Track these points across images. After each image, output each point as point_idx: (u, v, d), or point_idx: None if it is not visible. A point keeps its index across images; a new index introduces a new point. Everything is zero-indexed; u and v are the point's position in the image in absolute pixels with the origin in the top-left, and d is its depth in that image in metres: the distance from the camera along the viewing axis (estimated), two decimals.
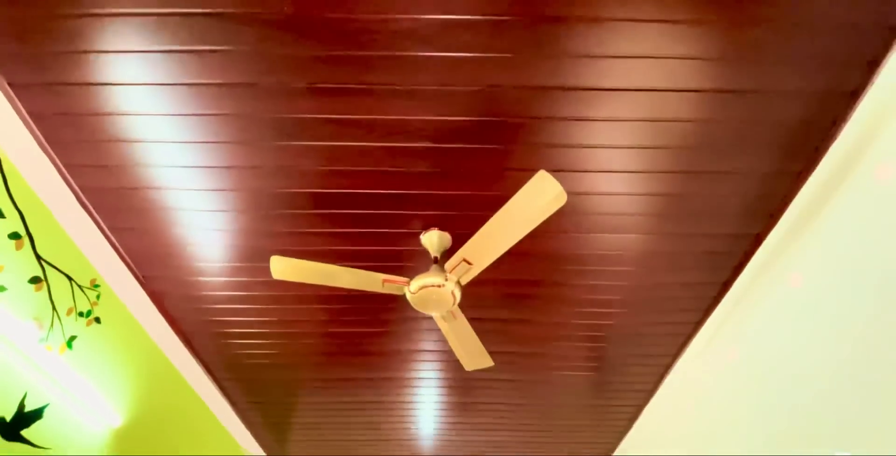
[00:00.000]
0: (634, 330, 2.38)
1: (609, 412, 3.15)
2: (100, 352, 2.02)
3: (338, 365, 2.71)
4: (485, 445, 3.69)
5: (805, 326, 1.77)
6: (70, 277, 1.87)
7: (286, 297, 2.21)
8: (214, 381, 2.78)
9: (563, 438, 3.52)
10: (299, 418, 3.26)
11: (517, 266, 2.05)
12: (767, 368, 1.98)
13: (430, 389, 2.96)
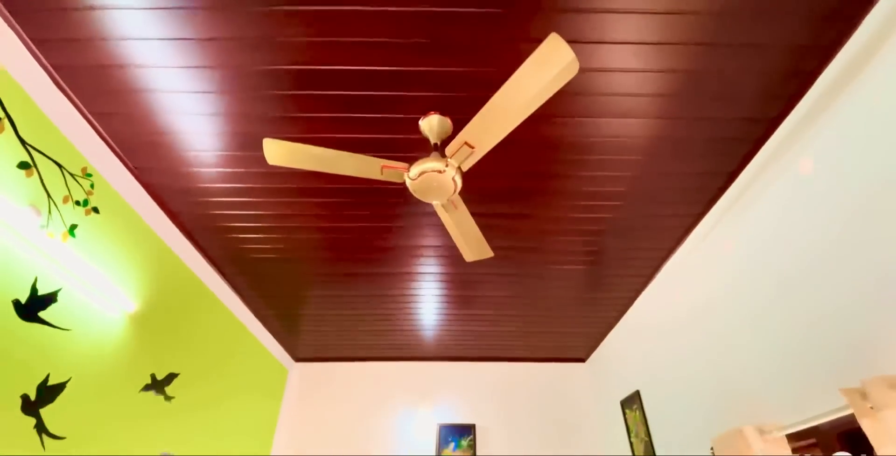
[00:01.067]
0: (634, 223, 2.40)
1: (601, 304, 3.32)
2: (103, 242, 2.04)
3: (341, 260, 2.79)
4: (483, 336, 3.95)
5: (809, 217, 1.77)
6: (60, 164, 1.82)
7: (285, 189, 2.19)
8: (222, 275, 2.88)
9: (557, 327, 3.74)
10: (307, 311, 3.44)
11: (519, 156, 1.99)
12: (764, 262, 2.02)
13: (431, 284, 3.08)
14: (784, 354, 1.91)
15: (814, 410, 1.73)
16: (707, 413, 2.47)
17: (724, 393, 2.33)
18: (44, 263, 1.76)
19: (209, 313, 2.95)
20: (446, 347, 4.19)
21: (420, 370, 4.49)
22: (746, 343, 2.14)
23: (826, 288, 1.70)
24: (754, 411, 2.09)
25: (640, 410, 3.24)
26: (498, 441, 4.13)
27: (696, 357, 2.58)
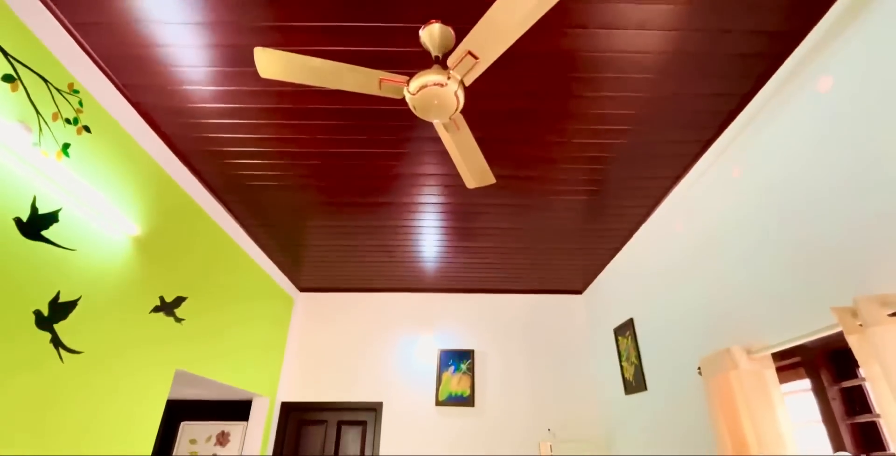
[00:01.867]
0: (640, 150, 2.34)
1: (601, 236, 3.34)
2: (98, 163, 2.01)
3: (341, 189, 2.76)
4: (483, 268, 4.03)
5: (821, 138, 1.71)
6: (45, 79, 1.74)
7: (279, 110, 2.11)
8: (222, 203, 2.88)
9: (556, 259, 3.80)
10: (309, 241, 3.48)
11: (525, 74, 1.90)
12: (768, 187, 1.99)
13: (432, 215, 3.08)
14: (778, 276, 1.94)
15: (801, 329, 1.79)
16: (696, 336, 2.57)
17: (715, 316, 2.41)
18: (41, 181, 1.74)
19: (212, 241, 2.98)
20: (447, 279, 4.29)
21: (421, 301, 4.64)
22: (742, 268, 2.18)
23: (827, 212, 1.69)
24: (743, 333, 2.17)
25: (632, 337, 3.37)
26: (495, 365, 4.36)
27: (689, 284, 2.63)
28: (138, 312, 2.27)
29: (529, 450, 4.05)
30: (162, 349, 2.44)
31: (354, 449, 4.07)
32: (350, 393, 4.23)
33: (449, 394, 4.17)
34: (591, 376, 4.32)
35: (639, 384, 3.26)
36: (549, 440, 4.06)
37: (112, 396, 2.10)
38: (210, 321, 2.93)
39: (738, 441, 2.00)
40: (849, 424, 1.73)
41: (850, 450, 1.71)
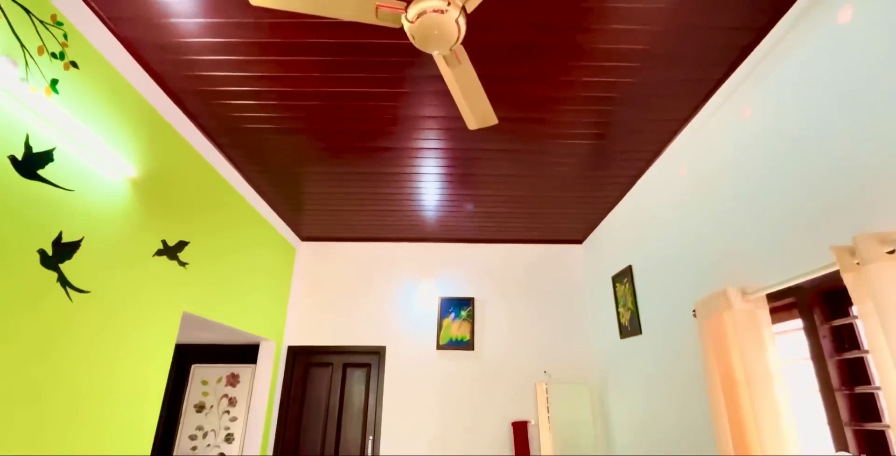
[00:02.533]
0: (650, 90, 2.27)
1: (603, 183, 3.32)
2: (89, 101, 1.96)
3: (338, 133, 2.71)
4: (483, 217, 4.03)
5: (837, 73, 1.65)
6: (26, 9, 1.66)
7: (271, 45, 2.03)
8: (217, 147, 2.83)
9: (557, 208, 3.79)
10: (308, 189, 3.47)
11: (531, 2, 1.79)
12: (777, 128, 1.94)
13: (432, 161, 3.04)
14: (778, 217, 1.95)
15: (797, 270, 1.81)
16: (693, 280, 2.61)
17: (712, 259, 2.44)
18: (32, 119, 1.71)
19: (211, 187, 2.96)
20: (447, 228, 4.31)
21: (422, 250, 4.69)
22: (742, 210, 2.18)
23: (834, 151, 1.66)
24: (739, 275, 2.20)
25: (629, 283, 3.43)
26: (494, 312, 4.47)
27: (689, 229, 2.65)
28: (142, 255, 2.30)
29: (527, 391, 4.24)
30: (168, 292, 2.50)
31: (359, 390, 4.27)
32: (354, 338, 4.37)
33: (449, 339, 4.32)
34: (588, 322, 4.45)
35: (634, 329, 3.36)
36: (546, 382, 4.24)
37: (123, 337, 2.17)
38: (214, 266, 2.97)
39: (727, 378, 2.09)
40: (836, 361, 1.79)
41: (835, 385, 1.78)
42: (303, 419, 4.16)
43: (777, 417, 1.85)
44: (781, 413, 1.85)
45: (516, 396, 4.22)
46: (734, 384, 2.04)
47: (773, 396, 1.88)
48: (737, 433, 2.00)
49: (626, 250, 3.61)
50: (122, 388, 2.16)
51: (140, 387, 2.28)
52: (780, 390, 1.88)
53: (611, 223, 3.95)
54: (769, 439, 1.84)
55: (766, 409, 1.88)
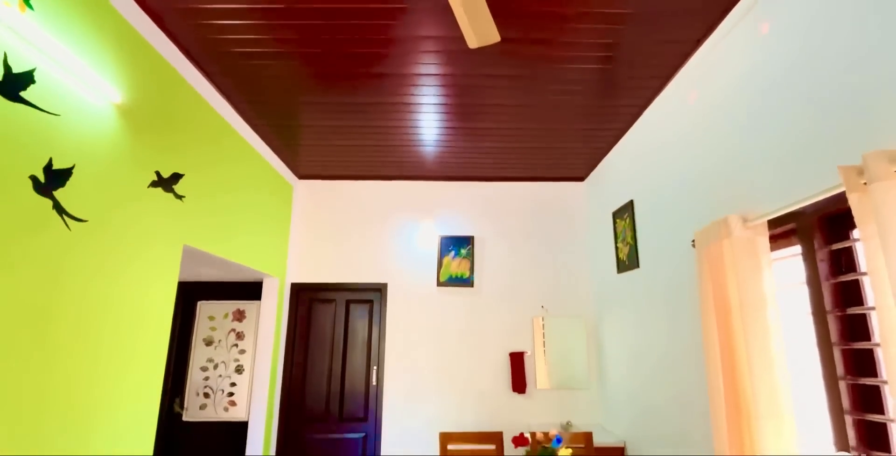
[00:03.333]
0: (663, 6, 2.13)
1: (608, 115, 3.23)
2: (65, 18, 1.85)
3: (333, 57, 2.58)
4: (484, 153, 3.97)
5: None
6: None
7: None
8: (205, 75, 2.72)
9: (560, 142, 3.72)
10: (302, 121, 3.38)
11: None
12: (802, 44, 1.85)
13: (431, 89, 2.93)
14: (785, 139, 1.92)
15: (800, 195, 1.80)
16: (693, 211, 2.61)
17: (714, 187, 2.43)
18: (8, 36, 1.61)
19: (201, 117, 2.88)
20: (447, 165, 4.25)
21: (422, 189, 4.66)
22: (749, 137, 2.14)
23: (849, 65, 1.59)
24: (740, 202, 2.20)
25: (630, 218, 3.44)
26: (494, 250, 4.53)
27: (693, 157, 2.61)
28: (136, 185, 2.28)
29: (524, 325, 4.39)
30: (167, 224, 2.50)
31: (363, 325, 4.42)
32: (356, 275, 4.46)
33: (449, 276, 4.41)
34: (586, 258, 4.52)
35: (632, 263, 3.42)
36: (543, 316, 4.39)
37: (127, 267, 2.20)
38: (211, 201, 2.96)
39: (721, 304, 2.14)
40: (832, 284, 1.83)
41: (828, 307, 1.82)
42: (309, 351, 4.35)
43: (767, 339, 1.92)
44: (772, 335, 1.92)
45: (514, 330, 4.38)
46: (728, 310, 2.10)
47: (765, 319, 1.94)
48: (727, 356, 2.09)
49: (627, 185, 3.58)
50: (130, 317, 2.22)
51: (147, 317, 2.35)
52: (772, 314, 1.94)
53: (614, 159, 3.90)
54: (757, 360, 1.92)
55: (756, 331, 1.94)
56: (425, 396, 4.23)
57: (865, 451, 1.67)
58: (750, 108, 2.13)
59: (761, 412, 1.88)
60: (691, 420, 2.68)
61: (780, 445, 1.83)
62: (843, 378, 1.75)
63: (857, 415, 1.70)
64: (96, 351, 2.00)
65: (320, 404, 4.25)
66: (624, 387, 3.70)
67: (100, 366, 2.03)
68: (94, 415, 1.99)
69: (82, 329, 1.93)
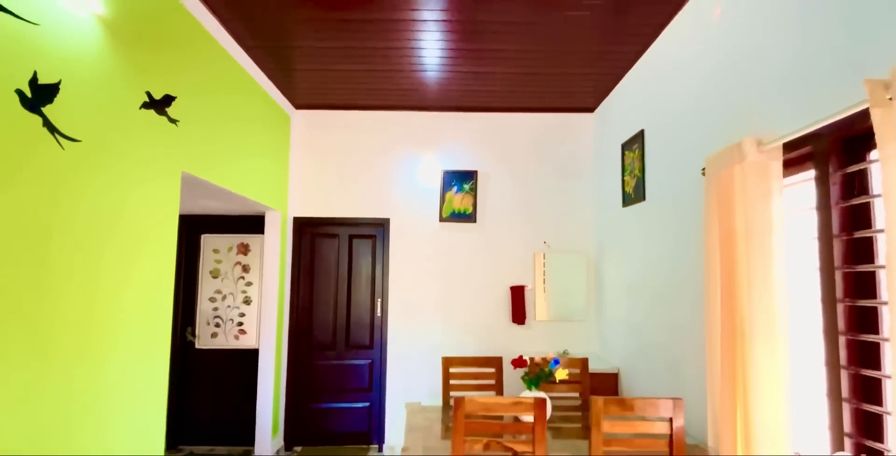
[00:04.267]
0: None
1: (623, 37, 3.05)
2: None
3: None
4: (489, 80, 3.80)
5: None
6: None
7: None
8: None
9: (571, 68, 3.56)
10: (296, 42, 3.21)
11: None
12: None
13: (434, 2, 2.74)
14: (802, 58, 1.82)
15: (818, 115, 1.73)
16: (705, 139, 2.54)
17: (729, 113, 2.36)
18: None
19: (192, 36, 2.74)
20: (450, 94, 4.10)
21: (425, 120, 4.54)
22: (766, 54, 2.03)
23: None
24: (755, 127, 2.13)
25: (639, 149, 3.37)
26: (497, 185, 4.49)
27: (709, 83, 2.51)
28: (127, 105, 2.21)
29: (526, 260, 4.45)
30: (163, 149, 2.46)
31: (366, 259, 4.49)
32: (358, 210, 4.46)
33: (452, 211, 4.40)
34: (591, 193, 4.49)
35: (638, 196, 3.39)
36: (544, 252, 4.44)
37: (127, 195, 2.18)
38: (206, 127, 2.89)
39: (726, 232, 2.14)
40: (841, 208, 1.81)
41: (835, 231, 1.81)
42: (314, 285, 4.46)
43: (769, 264, 1.93)
44: (774, 260, 1.93)
45: (516, 265, 4.45)
46: (732, 237, 2.09)
47: (769, 245, 1.94)
48: (726, 281, 2.12)
49: (638, 115, 3.47)
50: (134, 242, 2.24)
51: (151, 243, 2.37)
52: (777, 240, 1.94)
53: (626, 87, 3.74)
54: (757, 284, 1.94)
55: (760, 257, 1.95)
56: (428, 327, 4.39)
57: (855, 368, 1.73)
58: (770, 22, 2.01)
59: (756, 335, 1.93)
60: (685, 350, 2.78)
61: (772, 366, 1.90)
62: (842, 301, 1.77)
63: (851, 335, 1.74)
64: (101, 276, 2.04)
65: (327, 334, 4.43)
66: (621, 319, 3.81)
67: (106, 293, 2.07)
68: (108, 342, 2.07)
69: (86, 254, 1.95)
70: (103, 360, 2.05)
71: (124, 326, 2.17)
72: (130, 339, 2.22)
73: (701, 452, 2.26)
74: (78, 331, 1.90)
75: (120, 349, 2.15)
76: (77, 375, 1.90)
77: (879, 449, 1.63)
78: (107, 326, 2.06)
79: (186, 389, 4.35)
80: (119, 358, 2.15)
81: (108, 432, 2.07)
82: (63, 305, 1.83)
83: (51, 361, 1.77)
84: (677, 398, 2.08)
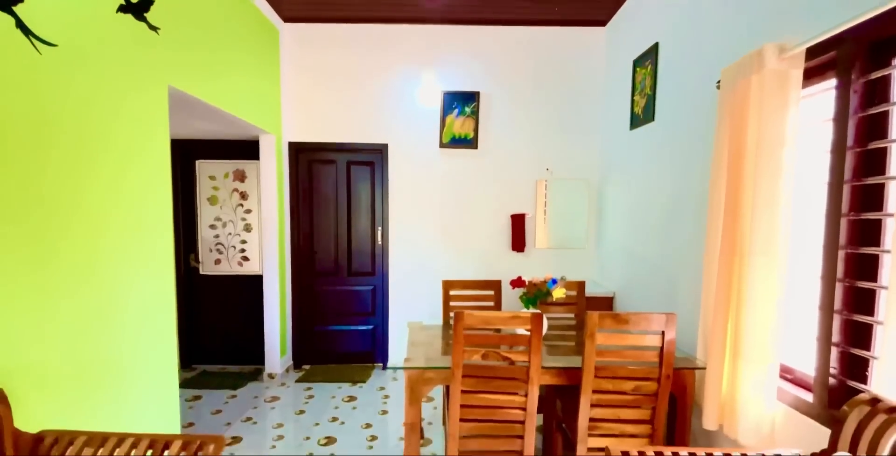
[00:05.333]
0: None
1: None
2: None
3: None
4: (491, 5, 3.55)
5: None
6: None
7: None
8: None
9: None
10: None
11: None
12: None
13: None
14: None
15: (844, 17, 1.61)
16: (721, 51, 2.41)
17: (746, 19, 2.21)
18: None
19: None
20: (452, 4, 3.83)
21: (423, 34, 4.29)
22: None
23: None
24: (775, 34, 2.00)
25: (651, 65, 3.22)
26: (500, 107, 4.35)
27: None
28: (102, 8, 2.07)
29: (528, 187, 4.43)
30: (145, 59, 2.34)
31: (365, 187, 4.47)
32: (354, 135, 4.37)
33: (452, 136, 4.31)
34: (598, 116, 4.36)
35: (647, 116, 3.29)
36: (546, 179, 4.40)
37: (115, 109, 2.11)
38: (189, 37, 2.74)
39: (736, 147, 2.09)
40: (858, 118, 1.74)
41: (849, 143, 1.76)
42: (314, 213, 4.48)
43: (777, 178, 1.91)
44: (783, 174, 1.90)
45: (517, 192, 4.43)
46: (742, 151, 2.05)
47: (780, 158, 1.90)
48: (731, 196, 2.10)
49: (653, 26, 3.27)
50: (123, 156, 2.20)
51: (143, 158, 2.33)
52: (788, 153, 1.89)
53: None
54: (762, 198, 1.93)
55: (768, 170, 1.92)
56: (428, 255, 4.47)
57: (850, 281, 1.77)
58: None
59: (756, 249, 1.96)
60: (681, 272, 2.84)
61: (768, 280, 1.94)
62: (847, 215, 1.77)
63: (851, 249, 1.76)
64: (93, 189, 2.03)
65: (329, 261, 4.53)
66: (620, 245, 3.86)
67: (98, 213, 2.07)
68: (111, 267, 2.10)
69: (78, 171, 1.92)
70: (112, 283, 2.10)
71: (124, 247, 2.20)
72: (134, 261, 2.26)
73: (689, 363, 2.38)
74: (80, 248, 1.93)
75: (125, 273, 2.20)
76: (84, 292, 1.96)
77: (865, 356, 1.71)
78: (105, 247, 2.09)
79: (195, 313, 4.53)
80: (124, 280, 2.20)
81: (121, 350, 2.18)
82: (61, 220, 1.84)
83: (57, 278, 1.81)
84: (670, 313, 2.15)
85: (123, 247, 2.19)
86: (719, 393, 2.18)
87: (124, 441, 1.50)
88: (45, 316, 1.77)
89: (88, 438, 1.51)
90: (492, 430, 2.27)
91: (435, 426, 3.33)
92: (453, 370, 2.19)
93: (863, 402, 1.35)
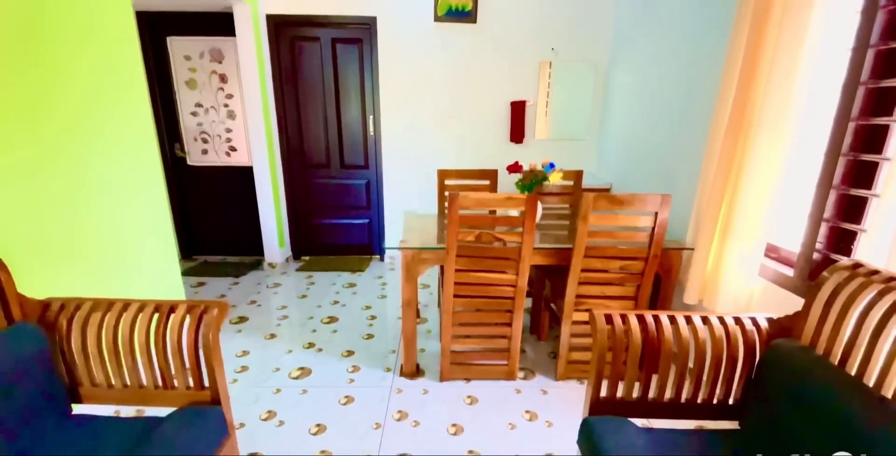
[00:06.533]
0: None
1: None
2: None
3: None
4: None
5: None
6: None
7: None
8: None
9: None
10: None
11: None
12: None
13: None
14: None
15: None
16: None
17: None
18: None
19: None
20: None
21: None
22: None
23: None
24: None
25: None
26: None
27: None
28: None
29: (530, 70, 4.19)
30: None
31: (353, 69, 4.22)
32: (339, 6, 4.00)
33: (448, 8, 3.95)
34: None
35: None
36: (551, 60, 4.15)
37: None
38: None
39: (762, 10, 1.92)
40: (888, 11, 1.58)
41: (873, 41, 1.62)
42: (300, 99, 4.28)
43: (800, 43, 1.79)
44: (806, 40, 1.77)
45: (519, 76, 4.20)
46: (768, 13, 1.89)
47: (806, 21, 1.76)
48: (748, 65, 1.99)
49: None
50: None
51: (113, 49, 2.14)
52: (816, 15, 1.75)
53: None
54: (780, 64, 1.83)
55: (791, 35, 1.80)
56: (423, 145, 4.38)
57: (855, 155, 1.75)
58: None
59: (765, 122, 1.91)
60: (680, 159, 2.81)
61: (771, 156, 1.92)
62: (865, 83, 1.69)
63: (863, 120, 1.71)
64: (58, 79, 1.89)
65: (321, 153, 4.45)
66: (622, 135, 3.78)
67: (65, 98, 1.95)
68: (94, 162, 2.03)
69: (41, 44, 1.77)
70: (100, 179, 2.06)
71: (103, 134, 2.12)
72: (116, 152, 2.18)
73: (677, 244, 2.46)
74: (61, 144, 1.86)
75: (110, 166, 2.13)
76: (67, 167, 1.92)
77: (854, 229, 1.76)
78: (86, 139, 2.01)
79: (189, 206, 4.57)
80: (111, 172, 2.15)
81: (119, 230, 2.21)
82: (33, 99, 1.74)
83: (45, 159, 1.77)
84: (666, 194, 2.17)
85: (97, 136, 2.11)
86: (704, 270, 2.29)
87: (130, 306, 1.59)
88: (40, 195, 1.76)
89: (95, 303, 1.60)
90: (484, 305, 2.42)
91: (430, 308, 3.56)
92: (448, 250, 2.26)
93: (843, 267, 1.41)
